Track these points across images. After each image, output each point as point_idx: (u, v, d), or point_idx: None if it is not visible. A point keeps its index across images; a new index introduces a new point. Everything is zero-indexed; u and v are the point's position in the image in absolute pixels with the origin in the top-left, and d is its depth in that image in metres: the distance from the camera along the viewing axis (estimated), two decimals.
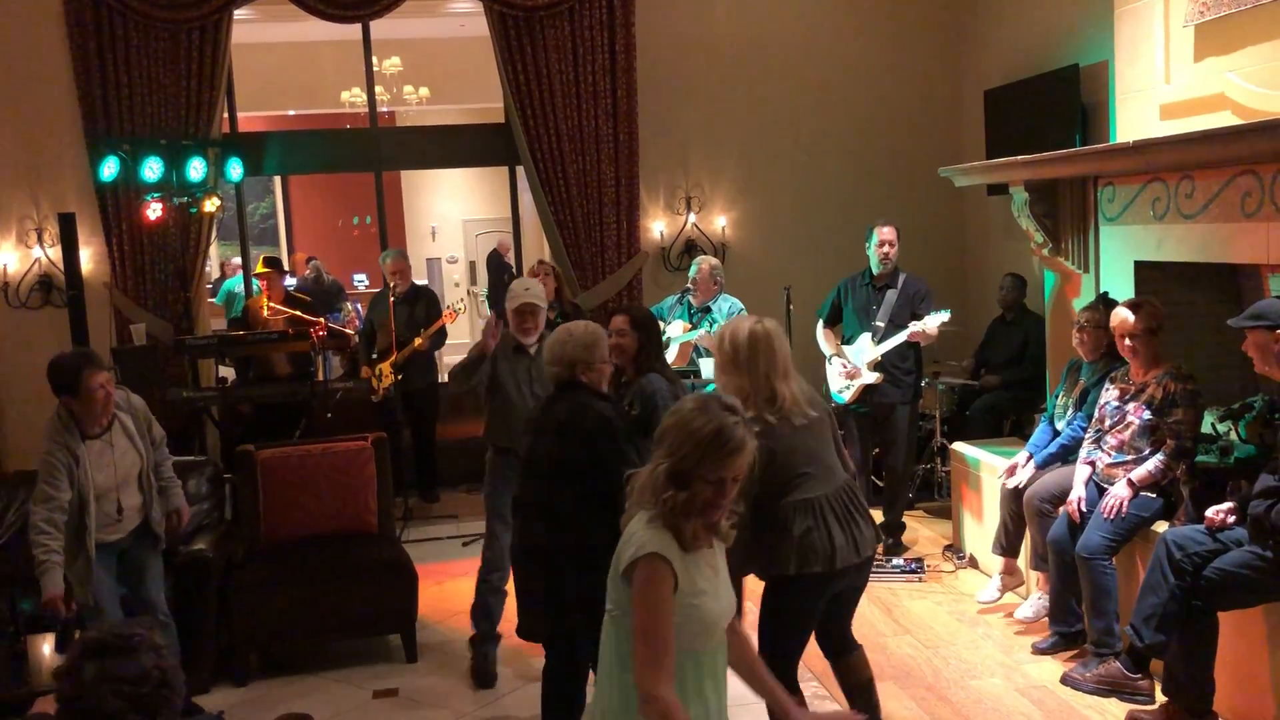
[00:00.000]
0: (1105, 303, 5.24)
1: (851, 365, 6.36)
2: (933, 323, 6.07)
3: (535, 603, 3.83)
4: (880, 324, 6.34)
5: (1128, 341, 4.77)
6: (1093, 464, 4.91)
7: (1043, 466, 5.27)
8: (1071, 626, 4.98)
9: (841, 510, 3.63)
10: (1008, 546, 5.50)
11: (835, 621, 3.92)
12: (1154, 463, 4.65)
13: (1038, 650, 5.04)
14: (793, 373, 3.69)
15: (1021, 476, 5.31)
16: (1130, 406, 4.76)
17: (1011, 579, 5.54)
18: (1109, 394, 4.90)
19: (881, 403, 6.38)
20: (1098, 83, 6.41)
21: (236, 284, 10.53)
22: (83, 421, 4.38)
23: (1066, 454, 5.22)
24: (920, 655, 5.07)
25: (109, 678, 2.13)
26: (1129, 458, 4.75)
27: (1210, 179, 4.75)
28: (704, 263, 6.78)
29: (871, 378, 6.29)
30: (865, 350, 6.36)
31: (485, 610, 5.09)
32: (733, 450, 2.42)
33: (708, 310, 6.57)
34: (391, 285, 7.58)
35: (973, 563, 6.23)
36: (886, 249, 6.40)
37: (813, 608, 3.70)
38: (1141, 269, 5.37)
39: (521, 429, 3.94)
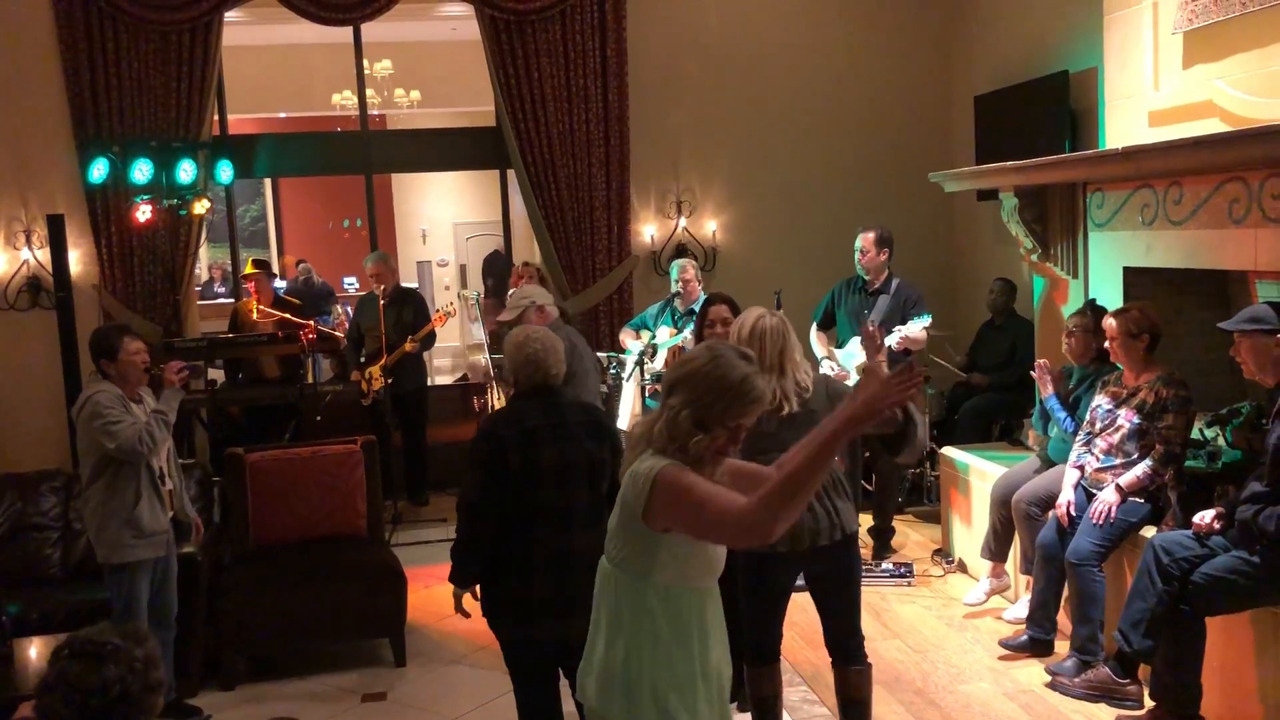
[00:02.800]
0: (1093, 309, 5.26)
1: (840, 368, 6.37)
2: (914, 328, 6.05)
3: (583, 606, 3.65)
4: (871, 329, 6.34)
5: (1108, 344, 4.83)
6: (1082, 468, 4.93)
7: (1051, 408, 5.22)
8: (1046, 634, 5.00)
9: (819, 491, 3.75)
10: (996, 551, 5.51)
11: (831, 619, 4.02)
12: (1143, 468, 4.67)
13: (1004, 644, 5.08)
14: (789, 367, 3.89)
15: (1046, 383, 5.21)
16: (1121, 411, 4.77)
17: (999, 583, 5.56)
18: (1100, 398, 4.92)
19: None
20: (1087, 89, 6.43)
21: None
22: (119, 386, 4.55)
23: (1053, 421, 5.23)
24: (909, 659, 5.08)
25: (65, 683, 2.10)
26: (1117, 461, 4.77)
27: (1199, 186, 4.77)
28: (689, 266, 6.78)
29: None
30: (856, 354, 6.36)
31: None
32: (756, 398, 2.53)
33: (692, 313, 6.57)
34: (379, 289, 7.54)
35: (961, 567, 6.24)
36: (858, 255, 6.46)
37: (784, 584, 3.93)
38: (1130, 275, 5.39)
39: (515, 437, 3.61)
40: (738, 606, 3.86)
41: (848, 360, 6.40)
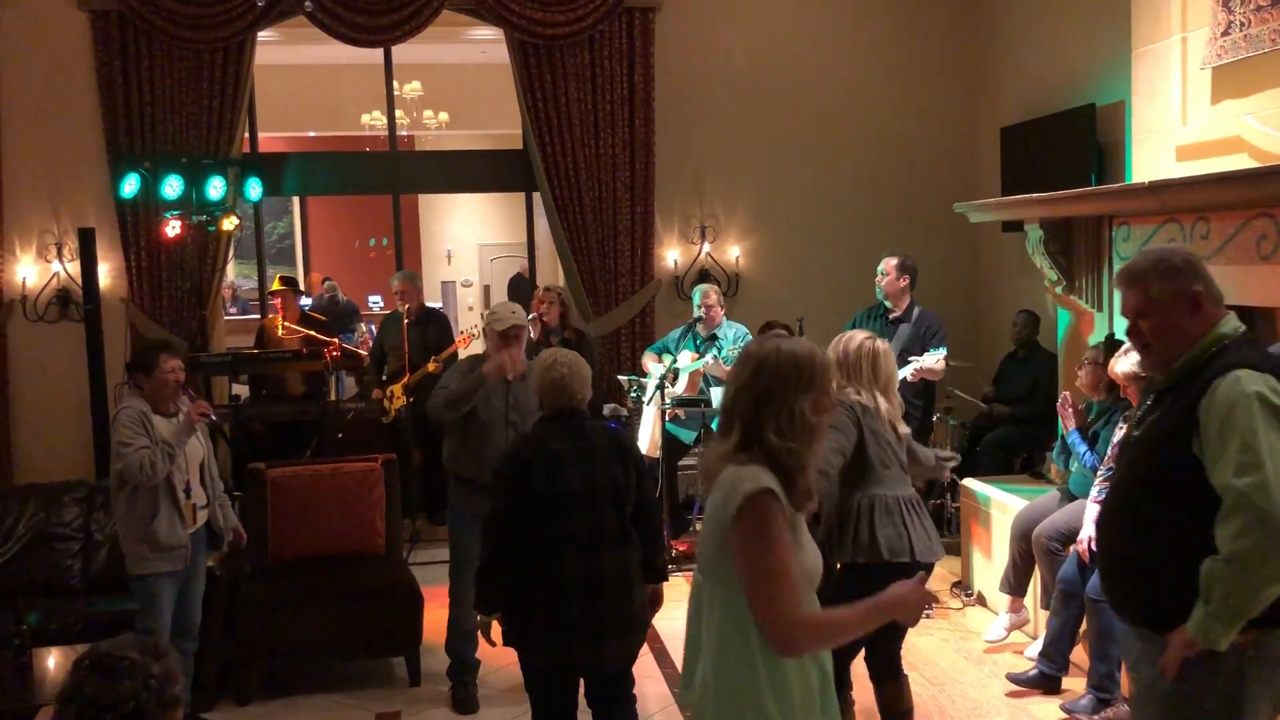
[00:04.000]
0: (1110, 343, 5.23)
1: None
2: (929, 360, 6.01)
3: (613, 631, 3.61)
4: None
5: (1123, 392, 4.80)
6: (1102, 503, 4.87)
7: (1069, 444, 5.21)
8: (1057, 670, 4.93)
9: (917, 512, 3.94)
10: (1015, 585, 5.46)
11: (889, 638, 4.05)
12: None
13: (1012, 678, 5.01)
14: (893, 395, 4.06)
15: (1069, 417, 5.17)
16: None
17: (1018, 618, 5.50)
18: (1120, 433, 4.87)
19: None
20: (1114, 122, 6.42)
21: None
22: (150, 402, 4.60)
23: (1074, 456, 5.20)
24: (926, 693, 5.03)
25: (80, 696, 2.10)
26: None
27: (1226, 221, 4.74)
28: (711, 291, 6.79)
29: None
30: None
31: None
32: (825, 355, 2.55)
33: (714, 338, 6.57)
34: (403, 308, 7.58)
35: (980, 600, 6.19)
36: (878, 278, 6.48)
37: None
38: None
39: (540, 461, 3.58)
40: None
41: None
